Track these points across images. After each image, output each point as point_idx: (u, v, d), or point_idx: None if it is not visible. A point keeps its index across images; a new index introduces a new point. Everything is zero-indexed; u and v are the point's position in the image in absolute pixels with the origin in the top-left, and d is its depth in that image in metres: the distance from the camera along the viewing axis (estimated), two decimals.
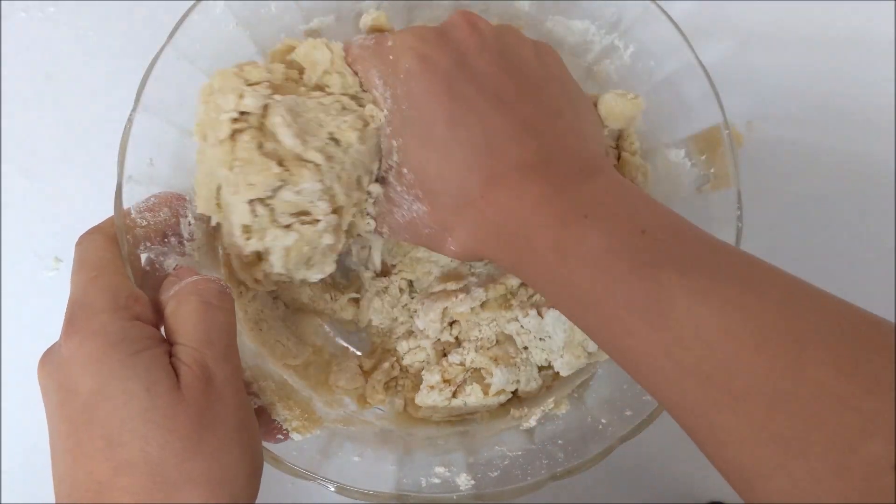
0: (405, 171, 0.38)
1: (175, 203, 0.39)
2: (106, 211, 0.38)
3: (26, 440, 0.50)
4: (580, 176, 0.35)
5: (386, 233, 0.40)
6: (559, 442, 0.40)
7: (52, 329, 0.50)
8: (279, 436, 0.38)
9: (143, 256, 0.37)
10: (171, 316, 0.34)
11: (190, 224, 0.39)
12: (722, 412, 0.28)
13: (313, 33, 0.45)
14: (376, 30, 0.41)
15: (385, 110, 0.38)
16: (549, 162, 0.35)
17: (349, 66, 0.40)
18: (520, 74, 0.38)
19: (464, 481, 0.38)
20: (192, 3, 0.41)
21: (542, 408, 0.42)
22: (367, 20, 0.42)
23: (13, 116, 0.54)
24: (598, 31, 0.46)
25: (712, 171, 0.43)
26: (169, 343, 0.33)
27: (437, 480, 0.39)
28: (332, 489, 0.37)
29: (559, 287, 0.34)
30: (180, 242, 0.39)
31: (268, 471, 0.36)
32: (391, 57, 0.38)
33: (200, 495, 0.30)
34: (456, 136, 0.36)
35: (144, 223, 0.37)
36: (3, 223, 0.52)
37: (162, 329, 0.34)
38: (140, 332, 0.32)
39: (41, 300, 0.51)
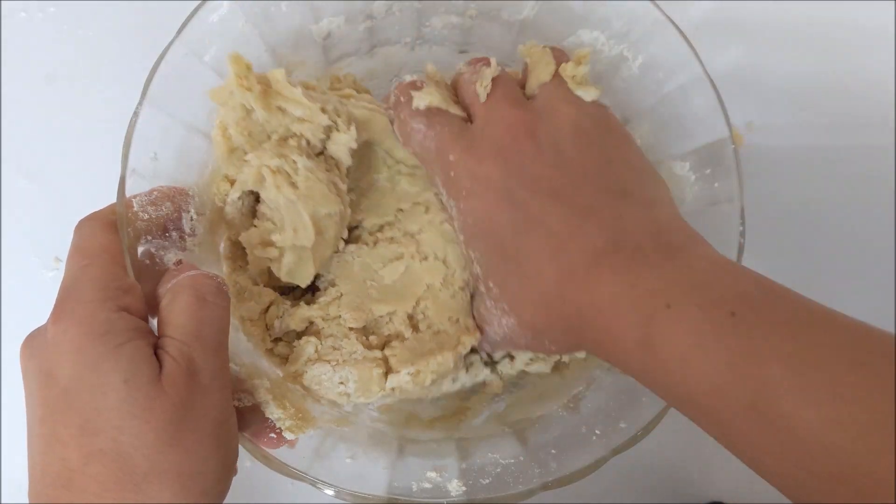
0: (491, 284, 0.39)
1: (177, 197, 0.39)
2: None
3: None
4: (656, 256, 0.34)
5: (487, 348, 0.42)
6: (552, 451, 0.39)
7: None
8: (272, 434, 0.38)
9: (142, 249, 0.38)
10: (164, 308, 0.34)
11: (192, 219, 0.40)
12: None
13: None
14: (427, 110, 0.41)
15: (455, 218, 0.40)
16: (622, 247, 0.34)
17: (402, 144, 0.42)
18: (578, 164, 0.37)
19: (455, 487, 0.38)
20: (199, 1, 0.41)
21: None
22: (419, 104, 0.40)
23: (13, 117, 0.55)
24: (607, 40, 0.46)
25: (716, 185, 0.42)
26: (156, 336, 0.33)
27: (428, 485, 0.39)
28: (332, 493, 0.37)
29: (656, 386, 0.33)
30: (181, 237, 0.39)
31: (268, 471, 0.36)
32: (452, 174, 0.39)
33: (170, 488, 0.30)
34: (522, 242, 0.36)
35: (146, 216, 0.37)
36: (3, 223, 0.53)
37: (155, 321, 0.35)
38: (125, 324, 0.32)
39: (41, 300, 0.51)
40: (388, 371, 0.40)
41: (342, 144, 0.40)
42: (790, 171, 0.56)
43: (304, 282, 0.41)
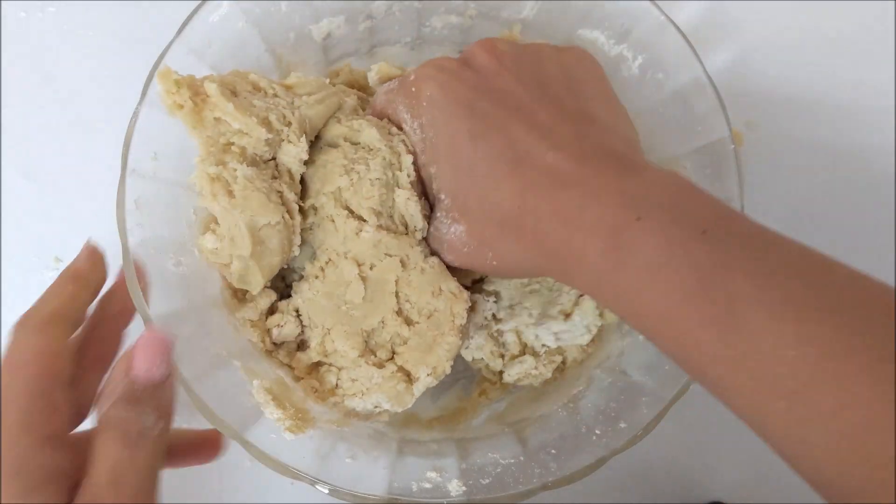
0: (443, 196, 0.38)
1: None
2: (106, 211, 0.38)
3: None
4: (622, 173, 0.33)
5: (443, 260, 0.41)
6: (552, 451, 0.39)
7: None
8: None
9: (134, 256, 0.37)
10: (92, 444, 0.31)
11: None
12: (814, 430, 0.26)
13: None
14: (387, 78, 0.43)
15: (417, 142, 0.39)
16: (585, 162, 0.33)
17: (376, 114, 0.42)
18: (540, 84, 0.37)
19: (455, 487, 0.38)
20: (199, 1, 0.41)
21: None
22: (374, 76, 0.44)
23: (13, 117, 0.54)
24: (607, 40, 0.46)
25: (717, 185, 0.42)
26: (73, 476, 0.31)
27: (428, 485, 0.39)
28: (326, 491, 0.37)
29: (617, 299, 0.32)
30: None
31: (268, 470, 0.36)
32: (413, 89, 0.39)
33: None
34: (479, 150, 0.36)
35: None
36: (3, 223, 0.53)
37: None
38: (40, 463, 0.31)
39: None
40: (409, 379, 0.40)
41: (292, 156, 0.40)
42: (790, 171, 0.56)
43: (254, 289, 0.40)
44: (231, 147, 0.39)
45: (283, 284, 0.43)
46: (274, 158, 0.40)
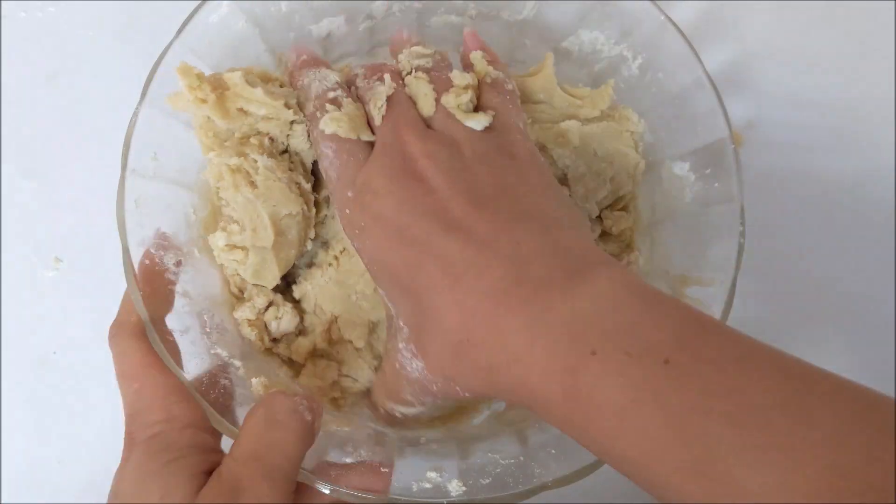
0: (401, 324, 0.36)
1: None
2: (106, 211, 0.38)
3: (26, 440, 0.50)
4: (568, 284, 0.30)
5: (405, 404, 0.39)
6: (552, 451, 0.39)
7: (51, 329, 0.51)
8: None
9: (142, 249, 0.38)
10: (241, 426, 0.34)
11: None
12: None
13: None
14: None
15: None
16: (521, 279, 0.31)
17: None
18: (469, 193, 0.34)
19: (455, 487, 0.38)
20: (199, 1, 0.41)
21: None
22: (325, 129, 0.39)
23: (13, 116, 0.54)
24: (606, 40, 0.46)
25: (716, 185, 0.43)
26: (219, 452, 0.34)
27: (428, 485, 0.39)
28: (327, 491, 0.37)
29: (591, 444, 0.30)
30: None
31: None
32: (347, 210, 0.37)
33: None
34: (420, 283, 0.33)
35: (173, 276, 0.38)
36: (3, 223, 0.52)
37: None
38: (183, 441, 0.33)
39: (41, 300, 0.51)
40: None
41: (303, 136, 0.40)
42: (790, 170, 0.55)
43: (269, 283, 0.40)
44: (248, 140, 0.39)
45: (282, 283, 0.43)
46: (286, 151, 0.40)
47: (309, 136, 0.40)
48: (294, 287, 0.42)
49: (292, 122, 0.40)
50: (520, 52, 0.50)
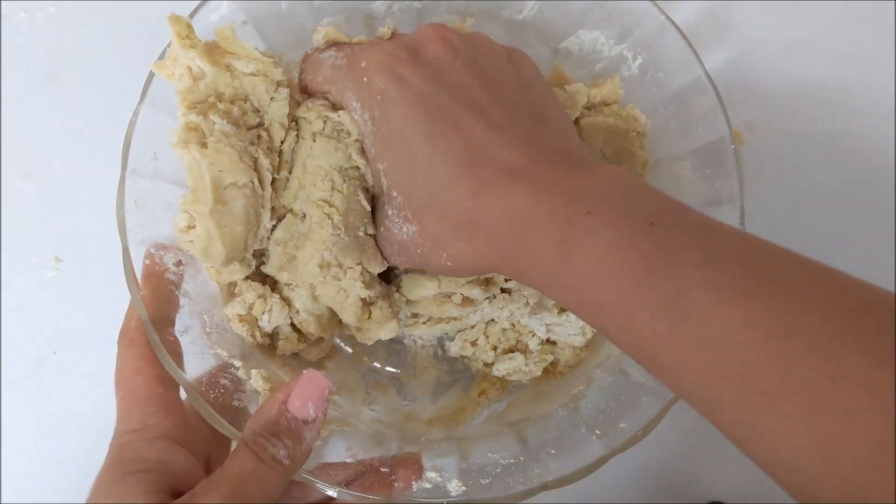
0: (395, 193, 0.38)
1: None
2: (106, 211, 0.37)
3: (26, 440, 0.50)
4: (573, 171, 0.33)
5: (386, 261, 0.41)
6: (552, 451, 0.39)
7: (51, 329, 0.51)
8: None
9: (142, 249, 0.38)
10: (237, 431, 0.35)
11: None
12: (762, 413, 0.26)
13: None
14: (332, 43, 0.41)
15: (367, 133, 0.39)
16: (538, 160, 0.34)
17: (314, 85, 0.41)
18: (495, 82, 0.37)
19: (455, 487, 0.38)
20: (199, 1, 0.41)
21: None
22: (318, 38, 0.42)
23: (13, 117, 0.54)
24: (606, 40, 0.46)
25: (717, 185, 0.43)
26: (179, 472, 0.34)
27: (427, 485, 0.39)
28: (331, 493, 0.37)
29: (568, 291, 0.32)
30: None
31: None
32: (365, 79, 0.38)
33: None
34: (436, 148, 0.35)
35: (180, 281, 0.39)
36: (3, 223, 0.52)
37: None
38: (148, 453, 0.33)
39: (41, 300, 0.52)
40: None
41: (282, 100, 0.40)
42: (790, 171, 0.56)
43: (217, 261, 0.39)
44: (217, 105, 0.38)
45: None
46: (258, 126, 0.40)
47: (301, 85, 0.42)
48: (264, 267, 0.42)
49: (278, 84, 0.39)
50: None
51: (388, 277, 0.44)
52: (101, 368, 0.41)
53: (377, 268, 0.41)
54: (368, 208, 0.40)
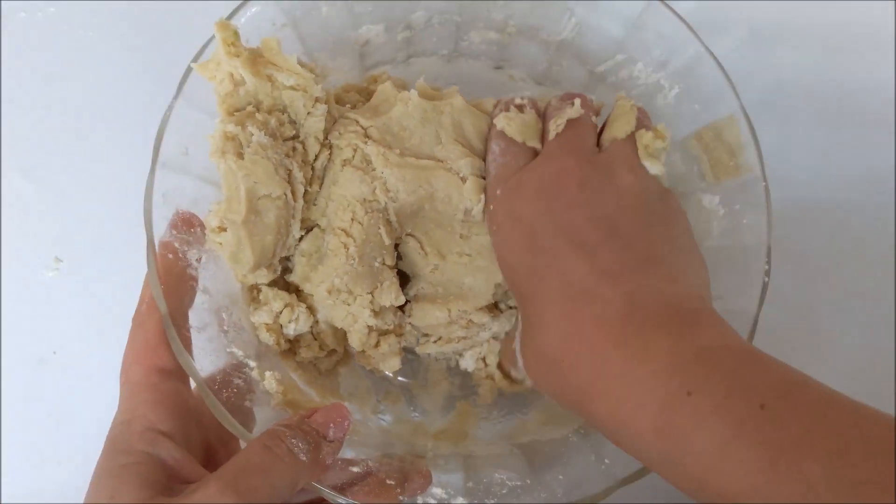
0: (519, 317, 0.39)
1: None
2: (106, 211, 0.37)
3: (26, 440, 0.50)
4: (674, 332, 0.32)
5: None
6: (559, 477, 0.39)
7: (52, 329, 0.51)
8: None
9: (164, 241, 0.38)
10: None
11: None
12: None
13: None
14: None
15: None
16: (629, 317, 0.32)
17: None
18: (613, 222, 0.36)
19: None
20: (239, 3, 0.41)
21: None
22: (498, 124, 0.41)
23: (13, 117, 0.54)
24: (644, 67, 0.46)
25: (745, 221, 0.42)
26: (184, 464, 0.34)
27: (432, 501, 0.39)
28: (342, 501, 0.36)
29: (678, 473, 0.30)
30: (202, 230, 0.40)
31: None
32: (492, 207, 0.39)
33: None
34: (535, 291, 0.36)
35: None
36: (3, 223, 0.52)
37: None
38: (137, 445, 0.33)
39: (41, 300, 0.51)
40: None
41: (319, 116, 0.40)
42: (790, 170, 0.55)
43: (245, 267, 0.39)
44: (255, 115, 0.39)
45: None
46: (294, 138, 0.40)
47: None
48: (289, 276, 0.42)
49: (316, 100, 0.40)
50: (556, 72, 0.50)
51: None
52: (101, 368, 0.41)
53: (389, 300, 0.41)
54: (388, 242, 0.41)
